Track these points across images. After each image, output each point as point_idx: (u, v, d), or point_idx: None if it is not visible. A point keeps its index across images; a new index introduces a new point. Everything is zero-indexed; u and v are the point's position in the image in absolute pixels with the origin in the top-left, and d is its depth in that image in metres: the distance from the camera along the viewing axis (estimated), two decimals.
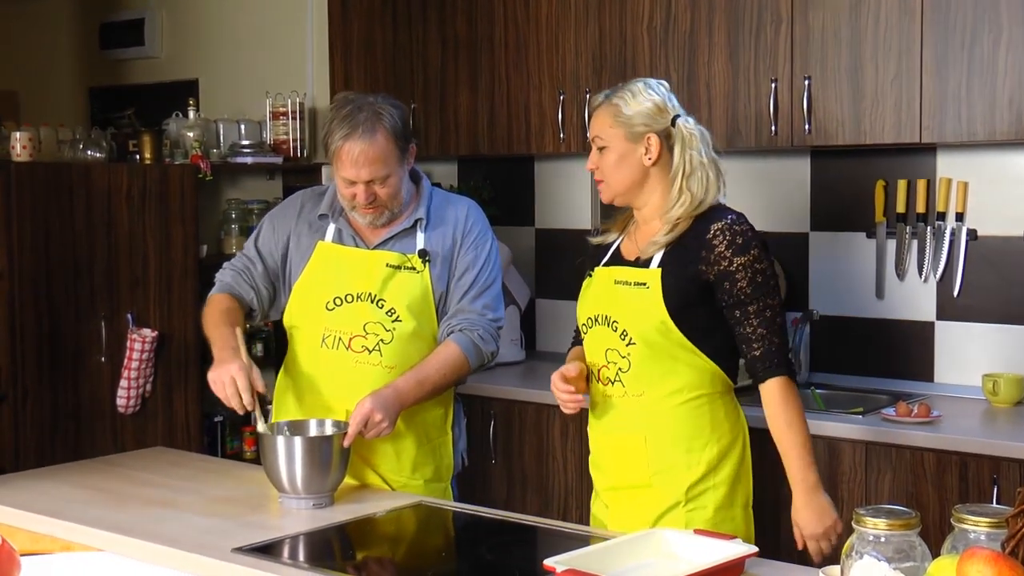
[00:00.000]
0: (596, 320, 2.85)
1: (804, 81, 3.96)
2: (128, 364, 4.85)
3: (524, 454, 4.38)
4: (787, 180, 4.46)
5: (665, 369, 2.76)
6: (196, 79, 6.10)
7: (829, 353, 4.38)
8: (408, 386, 2.98)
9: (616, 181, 2.84)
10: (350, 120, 2.97)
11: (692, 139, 2.81)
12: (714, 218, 2.76)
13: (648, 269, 2.77)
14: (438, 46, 4.91)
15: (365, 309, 3.04)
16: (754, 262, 2.73)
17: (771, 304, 2.74)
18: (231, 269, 3.22)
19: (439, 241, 3.10)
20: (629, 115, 2.80)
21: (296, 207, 3.22)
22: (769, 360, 2.73)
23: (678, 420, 2.77)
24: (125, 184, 4.90)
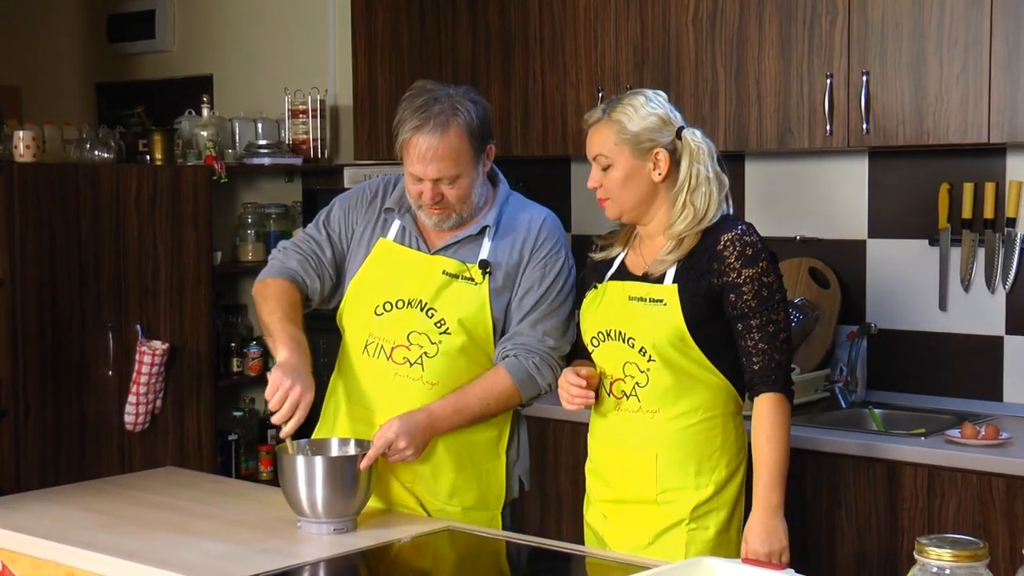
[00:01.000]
0: (608, 335, 2.91)
1: (862, 76, 3.93)
2: (137, 378, 4.87)
3: (559, 476, 4.36)
4: (843, 183, 4.44)
5: (682, 387, 2.85)
6: (210, 74, 6.13)
7: (888, 370, 4.35)
8: (444, 412, 2.95)
9: (624, 199, 2.90)
10: (423, 112, 2.94)
11: (699, 152, 2.88)
12: (724, 229, 2.85)
13: (664, 285, 2.85)
14: (468, 40, 4.91)
15: (412, 317, 3.01)
16: (761, 275, 2.82)
17: (775, 319, 2.82)
18: (296, 251, 3.14)
19: (505, 252, 3.06)
20: (635, 131, 2.86)
21: (370, 195, 3.18)
22: (766, 375, 2.82)
23: (691, 440, 2.86)
24: (134, 187, 4.92)
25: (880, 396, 4.32)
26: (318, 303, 3.17)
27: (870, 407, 4.17)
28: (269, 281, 3.10)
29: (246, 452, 5.50)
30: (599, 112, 2.92)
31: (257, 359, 5.46)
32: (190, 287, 5.06)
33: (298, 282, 3.11)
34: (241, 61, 6.03)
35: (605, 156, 2.89)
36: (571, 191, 5.12)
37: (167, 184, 5.00)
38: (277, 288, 3.08)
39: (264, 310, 3.04)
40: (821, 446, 3.73)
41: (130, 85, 6.46)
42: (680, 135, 2.89)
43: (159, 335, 4.97)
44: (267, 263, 3.18)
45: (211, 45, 6.15)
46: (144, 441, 4.95)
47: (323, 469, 2.78)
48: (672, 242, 2.86)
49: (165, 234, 4.98)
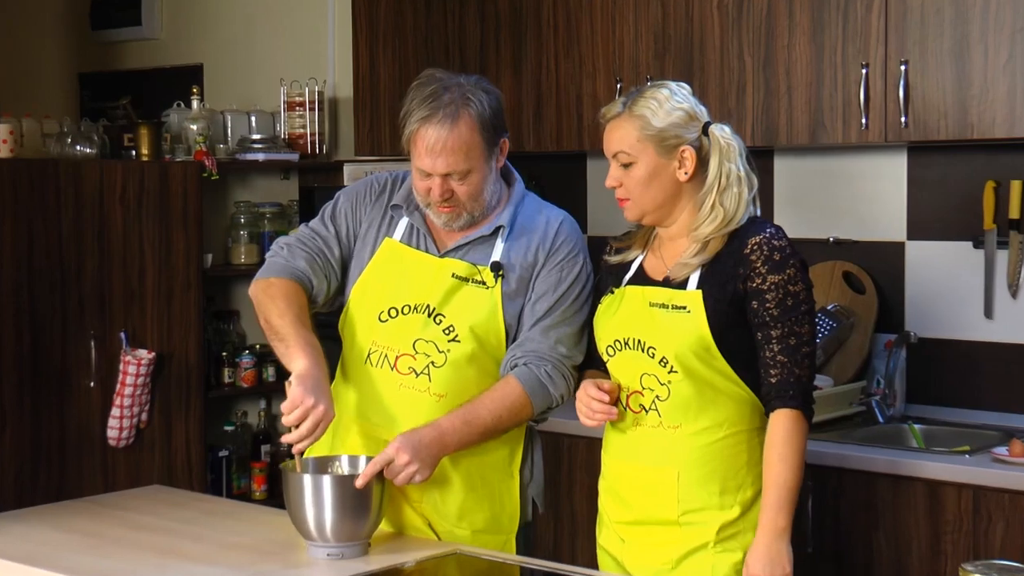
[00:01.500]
0: (626, 344, 2.91)
1: (900, 66, 3.93)
2: (121, 390, 4.87)
3: (573, 496, 4.36)
4: (880, 181, 4.43)
5: (705, 400, 2.85)
6: (200, 64, 6.14)
7: (929, 382, 4.34)
8: (453, 426, 2.92)
9: (647, 200, 2.90)
10: (431, 102, 2.94)
11: (730, 150, 2.88)
12: (751, 232, 2.85)
13: (687, 291, 2.85)
14: (477, 27, 4.91)
15: (419, 323, 3.00)
16: (788, 282, 2.81)
17: (798, 332, 2.81)
18: (302, 249, 3.12)
19: (520, 255, 3.05)
20: (659, 127, 2.86)
21: (377, 189, 3.17)
22: (783, 390, 2.81)
23: (715, 457, 2.86)
24: (119, 184, 4.92)
25: (920, 410, 4.31)
26: (321, 306, 3.16)
27: (909, 422, 4.16)
28: (275, 281, 3.07)
29: (238, 469, 5.50)
30: (619, 106, 2.91)
31: (250, 369, 5.46)
32: (179, 292, 5.06)
33: (304, 283, 3.09)
34: (234, 49, 6.04)
35: (626, 153, 2.88)
36: (587, 189, 5.12)
37: (154, 181, 5.00)
38: (285, 288, 3.05)
39: (273, 311, 3.00)
40: (856, 464, 3.73)
41: (114, 75, 6.47)
42: (707, 131, 2.89)
43: (145, 343, 4.97)
44: (266, 261, 3.15)
45: (201, 32, 6.16)
46: (129, 457, 4.96)
47: (332, 489, 2.78)
48: (697, 245, 2.86)
49: (152, 235, 4.99)
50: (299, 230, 3.20)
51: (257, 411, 5.69)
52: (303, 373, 2.85)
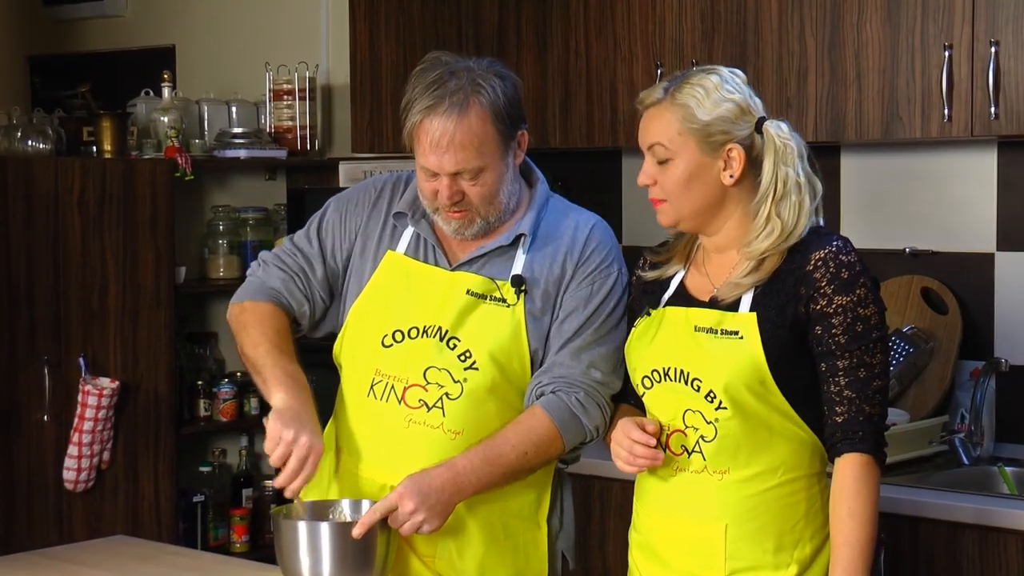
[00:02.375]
0: (665, 374, 2.88)
1: (990, 47, 3.92)
2: (79, 425, 4.88)
3: (606, 549, 4.35)
4: (965, 182, 4.43)
5: (759, 442, 2.82)
6: (172, 46, 6.15)
7: (1023, 417, 4.33)
8: (471, 466, 2.91)
9: (685, 203, 2.87)
10: (436, 89, 2.93)
11: (786, 152, 2.85)
12: (814, 246, 2.82)
13: (739, 314, 2.82)
14: (494, 4, 4.92)
15: (430, 349, 3.00)
16: (857, 304, 2.78)
17: (869, 362, 2.79)
18: (280, 268, 3.14)
19: (545, 266, 3.04)
20: (705, 120, 2.83)
21: (372, 196, 3.18)
22: (852, 430, 2.78)
23: (768, 508, 2.83)
24: (78, 185, 4.94)
25: (1012, 450, 4.30)
26: (307, 330, 3.17)
27: (1000, 464, 4.15)
28: (248, 304, 3.10)
29: (216, 517, 5.50)
30: (659, 91, 2.88)
31: (229, 401, 5.47)
32: (146, 311, 5.07)
33: (283, 304, 3.11)
34: (211, 29, 6.05)
35: (664, 147, 2.85)
36: (622, 192, 5.12)
37: (118, 182, 5.02)
38: (259, 313, 3.08)
39: (246, 342, 3.04)
40: (937, 512, 3.71)
41: (71, 58, 6.49)
42: (761, 128, 2.86)
43: (107, 371, 4.98)
44: (244, 280, 3.17)
45: (173, 9, 6.18)
46: (88, 503, 4.96)
47: (331, 538, 2.78)
48: (750, 263, 2.84)
49: (116, 244, 5.00)
50: (282, 244, 3.21)
51: (237, 449, 5.70)
52: (281, 408, 2.87)
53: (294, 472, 2.82)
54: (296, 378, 2.94)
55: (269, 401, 2.93)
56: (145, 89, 5.56)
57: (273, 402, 2.90)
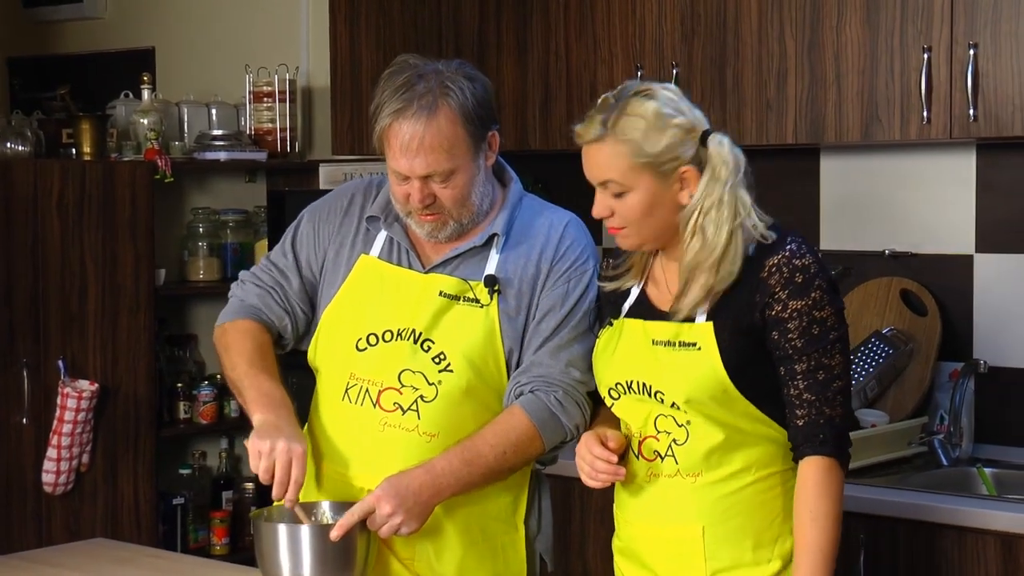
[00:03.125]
0: (630, 387, 2.88)
1: (968, 49, 3.93)
2: (58, 428, 4.86)
3: (586, 550, 4.35)
4: (944, 184, 4.43)
5: (730, 443, 2.83)
6: (152, 48, 6.14)
7: (1001, 418, 4.33)
8: (449, 467, 2.91)
9: (647, 230, 2.86)
10: (404, 92, 2.95)
11: (721, 168, 2.82)
12: (769, 251, 2.81)
13: (696, 325, 2.82)
14: (474, 6, 4.91)
15: (404, 352, 3.00)
16: (813, 308, 2.78)
17: (827, 364, 2.79)
18: (256, 284, 3.16)
19: (519, 265, 3.05)
20: (654, 152, 2.80)
21: (343, 202, 3.18)
22: (812, 433, 2.78)
23: (744, 506, 2.84)
24: (57, 187, 4.93)
25: (991, 451, 4.30)
26: (294, 343, 3.18)
27: (978, 465, 4.15)
28: (228, 326, 3.13)
29: (196, 520, 5.49)
30: (598, 127, 2.84)
31: (210, 403, 5.46)
32: (126, 313, 5.06)
33: (263, 320, 3.13)
34: (191, 31, 6.04)
35: (618, 182, 2.83)
36: None
37: (97, 184, 5.00)
38: (237, 332, 3.10)
39: (227, 365, 3.08)
40: (917, 513, 3.72)
41: (51, 60, 6.47)
42: (705, 140, 2.83)
43: (87, 373, 4.97)
44: (226, 287, 3.21)
45: (153, 11, 6.17)
46: (67, 506, 4.95)
47: (311, 540, 2.78)
48: (682, 279, 2.83)
49: (95, 247, 4.99)
50: (260, 261, 3.24)
51: (218, 452, 5.69)
52: (258, 425, 2.90)
53: (283, 480, 2.82)
54: (271, 395, 2.96)
55: (252, 422, 2.94)
56: (125, 91, 5.55)
57: (253, 420, 2.92)
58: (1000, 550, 3.63)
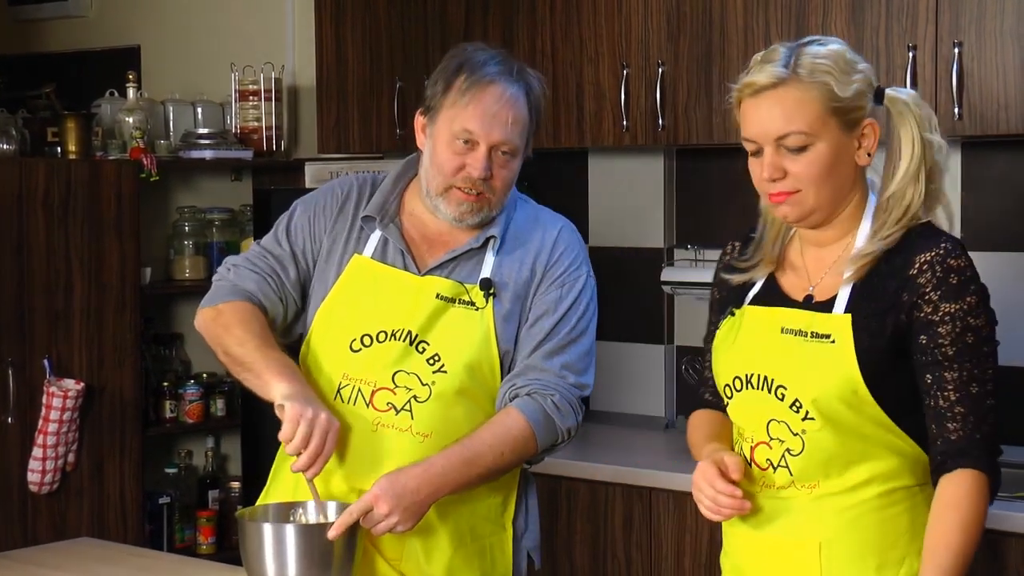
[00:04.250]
0: (748, 381, 2.70)
1: (953, 48, 3.94)
2: (44, 427, 4.85)
3: (573, 548, 4.35)
4: None
5: (852, 453, 2.63)
6: (137, 46, 6.13)
7: None
8: (450, 467, 2.89)
9: (825, 192, 2.63)
10: (500, 62, 2.98)
11: (920, 117, 2.63)
12: (919, 246, 2.61)
13: (832, 315, 2.63)
14: (460, 3, 4.91)
15: (398, 352, 2.98)
16: (968, 313, 2.57)
17: (981, 378, 2.58)
18: (252, 271, 3.09)
19: (513, 269, 3.04)
20: (846, 96, 2.60)
21: (339, 197, 3.15)
22: (967, 447, 2.56)
23: (867, 522, 2.64)
24: (42, 186, 4.91)
25: None
26: (280, 333, 3.12)
27: None
28: (224, 306, 3.04)
29: (182, 519, 5.48)
30: (778, 69, 2.60)
31: (196, 402, 5.45)
32: (112, 312, 5.05)
33: (259, 305, 3.07)
34: (176, 29, 6.03)
35: (805, 134, 2.58)
36: (588, 193, 5.12)
37: (83, 183, 5.00)
38: (239, 312, 3.02)
39: (230, 341, 2.98)
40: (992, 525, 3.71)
41: (36, 58, 6.46)
42: (880, 98, 2.64)
43: (72, 372, 4.96)
44: (211, 286, 3.12)
45: (138, 9, 6.16)
46: (52, 505, 4.94)
47: (296, 540, 2.77)
48: (867, 242, 2.63)
49: (80, 246, 4.98)
50: (248, 249, 3.19)
51: (204, 451, 5.68)
52: (288, 392, 2.84)
53: (318, 450, 2.78)
54: (293, 367, 2.93)
55: (266, 395, 2.89)
56: (110, 89, 5.54)
57: (277, 391, 2.85)
58: (985, 548, 3.63)
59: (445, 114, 2.97)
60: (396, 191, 3.11)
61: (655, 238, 4.96)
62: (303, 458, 2.79)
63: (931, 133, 2.64)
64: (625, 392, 4.97)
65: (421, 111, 3.05)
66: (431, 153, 3.01)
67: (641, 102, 4.52)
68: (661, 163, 4.93)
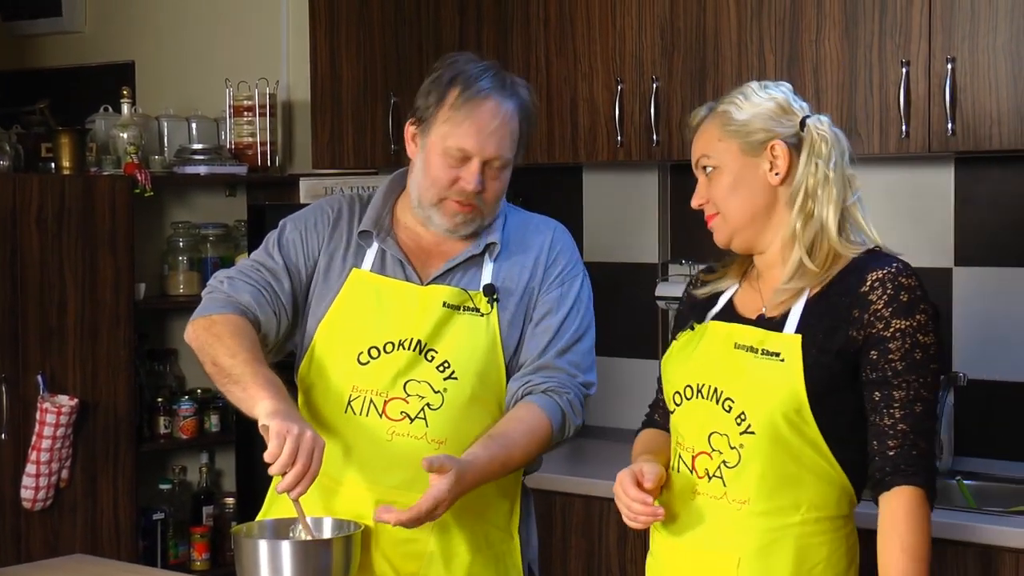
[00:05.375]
0: (699, 391, 2.79)
1: (946, 64, 3.95)
2: (37, 443, 4.85)
3: (568, 563, 4.35)
4: (923, 198, 4.45)
5: (785, 475, 2.70)
6: (132, 62, 6.14)
7: (981, 431, 4.34)
8: (492, 464, 2.88)
9: (734, 210, 2.79)
10: (492, 74, 3.00)
11: (820, 144, 2.77)
12: (872, 265, 2.71)
13: (783, 335, 2.72)
14: (455, 19, 4.92)
15: (408, 361, 2.99)
16: (917, 331, 2.65)
17: (926, 397, 2.66)
18: (247, 283, 3.07)
19: (514, 274, 3.07)
20: (743, 119, 2.77)
21: (330, 215, 3.15)
22: (904, 464, 2.65)
23: (787, 545, 2.72)
24: (36, 201, 4.92)
25: (970, 464, 4.31)
26: (270, 348, 3.10)
27: (958, 478, 4.16)
28: (217, 317, 3.01)
29: (176, 535, 5.48)
30: (704, 109, 2.86)
31: (190, 418, 5.45)
32: (106, 328, 5.05)
33: (253, 319, 3.05)
34: (170, 45, 6.04)
35: (708, 157, 2.79)
36: (583, 208, 5.13)
37: (77, 198, 5.00)
38: (232, 324, 3.00)
39: (221, 352, 2.94)
40: None
41: (30, 74, 6.47)
42: (804, 126, 2.77)
43: (66, 388, 4.96)
44: (203, 299, 3.10)
45: (133, 25, 6.17)
46: (46, 522, 4.94)
47: (291, 555, 2.76)
48: (792, 266, 2.74)
49: (74, 261, 4.98)
50: (240, 263, 3.18)
51: (198, 467, 5.68)
52: (272, 410, 2.80)
53: (304, 469, 2.74)
54: (279, 384, 2.89)
55: (251, 412, 2.85)
56: (104, 105, 5.54)
57: (259, 409, 2.81)
58: (980, 563, 3.64)
59: (439, 128, 2.99)
60: (387, 205, 3.13)
61: (649, 253, 4.97)
62: (288, 477, 2.74)
63: (847, 166, 2.79)
64: (620, 407, 4.97)
65: (413, 121, 3.06)
66: (424, 164, 3.03)
67: (635, 117, 4.53)
68: (655, 178, 4.94)
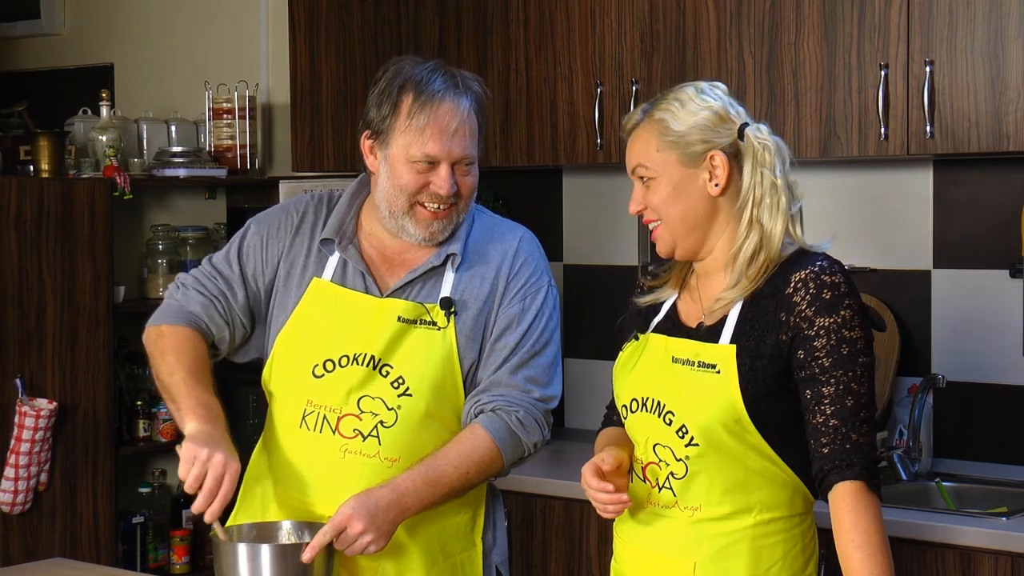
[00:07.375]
0: (644, 404, 2.81)
1: (925, 67, 3.96)
2: (16, 447, 4.84)
3: (548, 566, 4.36)
4: (901, 200, 4.46)
5: (733, 480, 2.73)
6: (110, 64, 6.13)
7: (960, 433, 4.36)
8: (413, 487, 2.89)
9: (675, 220, 2.78)
10: (444, 76, 2.97)
11: (763, 153, 2.77)
12: (796, 266, 2.72)
13: (718, 346, 2.73)
14: (434, 22, 4.92)
15: (362, 377, 2.97)
16: (842, 327, 2.66)
17: (856, 390, 2.66)
18: (200, 292, 3.10)
19: (474, 286, 3.03)
20: (681, 130, 2.76)
21: (294, 219, 3.14)
22: (838, 460, 2.64)
23: (742, 548, 2.74)
24: (14, 204, 4.91)
25: (949, 466, 4.33)
26: (228, 354, 3.14)
27: (938, 480, 4.17)
28: (166, 329, 3.07)
29: (155, 538, 5.47)
30: (638, 114, 2.82)
31: (169, 421, 5.43)
32: (85, 331, 5.05)
33: (202, 329, 3.08)
34: (149, 47, 6.03)
35: (645, 167, 2.78)
36: (563, 210, 5.13)
37: (56, 201, 4.99)
38: (177, 338, 3.04)
39: (163, 369, 3.01)
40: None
41: (8, 77, 6.45)
42: (743, 134, 2.78)
43: (45, 391, 4.95)
44: (163, 301, 3.13)
45: (111, 27, 6.16)
46: (25, 525, 4.93)
47: (272, 560, 2.77)
48: (735, 274, 2.75)
49: (53, 264, 4.98)
50: (202, 265, 3.18)
51: (177, 470, 5.66)
52: (193, 433, 2.86)
53: (211, 492, 2.78)
54: (210, 407, 2.92)
55: (181, 428, 2.92)
56: (83, 108, 5.54)
57: (187, 429, 2.88)
58: (959, 564, 3.65)
59: (399, 139, 2.96)
60: (352, 211, 3.10)
61: (629, 256, 4.97)
62: (199, 499, 2.80)
63: (786, 174, 2.78)
64: (599, 409, 4.96)
65: (368, 134, 3.03)
66: (389, 175, 3.00)
67: (615, 120, 4.53)
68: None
